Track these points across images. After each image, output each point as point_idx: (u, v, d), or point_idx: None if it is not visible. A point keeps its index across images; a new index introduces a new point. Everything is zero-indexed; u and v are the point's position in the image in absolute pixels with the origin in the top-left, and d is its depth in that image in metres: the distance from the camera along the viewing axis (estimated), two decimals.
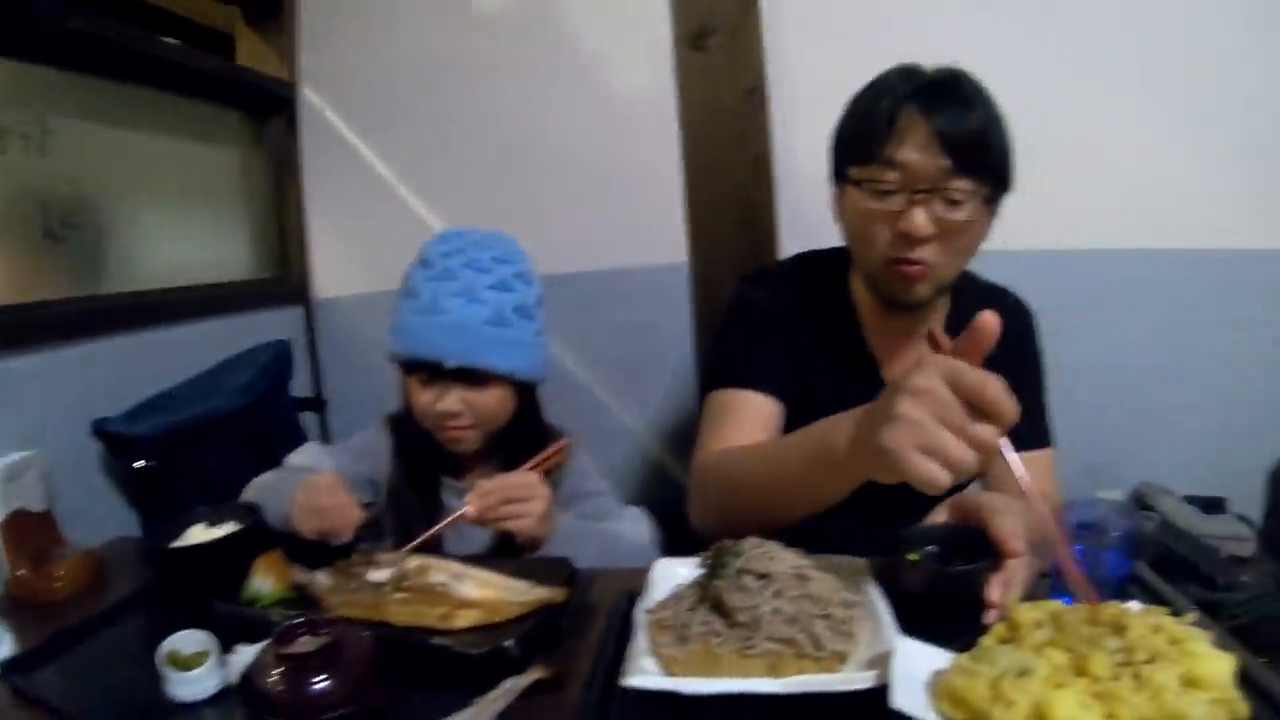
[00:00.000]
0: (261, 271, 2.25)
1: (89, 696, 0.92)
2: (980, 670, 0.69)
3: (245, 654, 0.88)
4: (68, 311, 1.59)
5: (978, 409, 0.73)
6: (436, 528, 1.12)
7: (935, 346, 0.86)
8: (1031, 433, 1.30)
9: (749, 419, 1.22)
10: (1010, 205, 1.19)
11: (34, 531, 1.25)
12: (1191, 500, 1.92)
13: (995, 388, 0.74)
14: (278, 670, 0.78)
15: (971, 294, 1.32)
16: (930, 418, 0.73)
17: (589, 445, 1.45)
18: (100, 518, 1.55)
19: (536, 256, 1.38)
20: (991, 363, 1.29)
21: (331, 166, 2.22)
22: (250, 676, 0.81)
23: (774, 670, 0.77)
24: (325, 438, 2.22)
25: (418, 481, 1.35)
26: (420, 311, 1.24)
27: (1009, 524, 0.89)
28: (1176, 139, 2.07)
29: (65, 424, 1.50)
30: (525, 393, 1.35)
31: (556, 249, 2.06)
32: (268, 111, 2.24)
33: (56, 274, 1.63)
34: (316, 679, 0.77)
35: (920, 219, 1.09)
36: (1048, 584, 0.94)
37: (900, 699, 0.67)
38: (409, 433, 1.35)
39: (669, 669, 0.79)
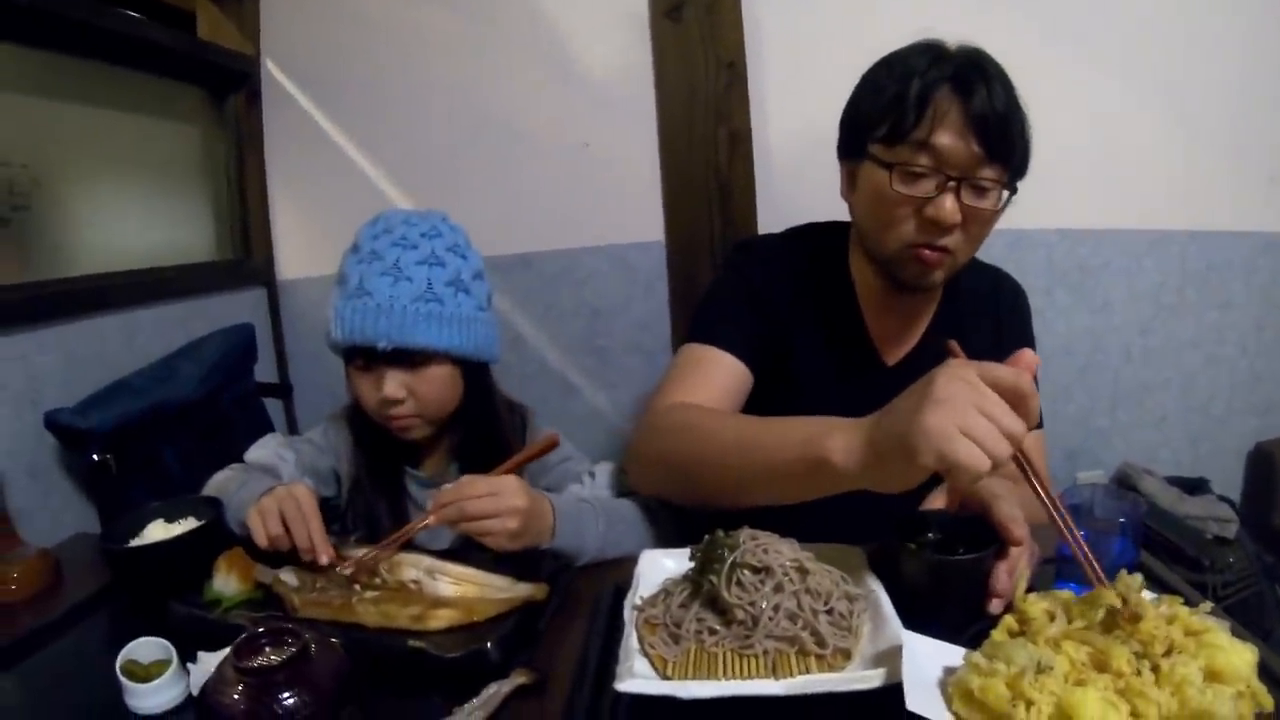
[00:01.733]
0: (222, 253, 2.16)
1: (46, 709, 0.86)
2: (996, 668, 0.65)
3: (207, 662, 0.82)
4: (16, 298, 1.51)
5: (1009, 403, 0.73)
6: (398, 534, 1.04)
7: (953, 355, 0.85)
8: None
9: (717, 377, 1.19)
10: None
11: None
12: (1174, 481, 1.92)
13: (1028, 381, 0.73)
14: (239, 687, 0.68)
15: (966, 274, 1.28)
16: (970, 403, 0.72)
17: (559, 429, 1.39)
18: (56, 514, 1.49)
19: (506, 234, 1.31)
20: (993, 342, 1.28)
21: (294, 143, 2.14)
22: (208, 692, 0.71)
23: (775, 670, 0.73)
24: (291, 424, 2.15)
25: (379, 474, 1.28)
26: (348, 296, 1.17)
27: (1011, 510, 0.86)
28: (1152, 120, 2.05)
29: (16, 416, 1.43)
30: (474, 373, 1.27)
31: (526, 226, 2.01)
32: (229, 87, 2.14)
33: (4, 259, 1.55)
34: (282, 695, 0.68)
35: (950, 205, 1.05)
36: (1052, 571, 0.90)
37: (915, 700, 0.63)
38: (363, 425, 1.28)
39: (662, 671, 0.75)
